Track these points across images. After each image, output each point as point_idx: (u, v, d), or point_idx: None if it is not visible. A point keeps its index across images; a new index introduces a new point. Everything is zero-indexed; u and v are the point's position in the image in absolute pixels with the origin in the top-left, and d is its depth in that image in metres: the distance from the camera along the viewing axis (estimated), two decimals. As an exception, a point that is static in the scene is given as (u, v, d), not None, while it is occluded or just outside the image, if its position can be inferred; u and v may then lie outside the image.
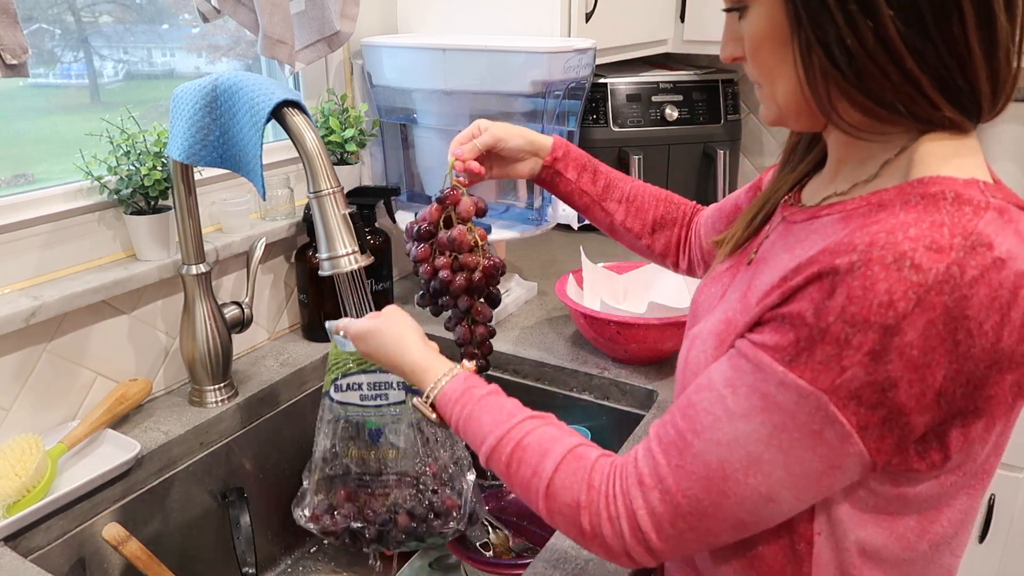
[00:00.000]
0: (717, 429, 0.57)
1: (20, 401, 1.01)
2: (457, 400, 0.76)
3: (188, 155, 0.96)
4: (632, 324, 1.16)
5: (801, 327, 0.53)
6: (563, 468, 0.66)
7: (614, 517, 0.62)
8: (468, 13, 1.44)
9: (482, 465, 0.73)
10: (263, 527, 1.23)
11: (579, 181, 0.99)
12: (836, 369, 0.51)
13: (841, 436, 0.53)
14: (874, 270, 0.50)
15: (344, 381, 0.99)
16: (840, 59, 0.54)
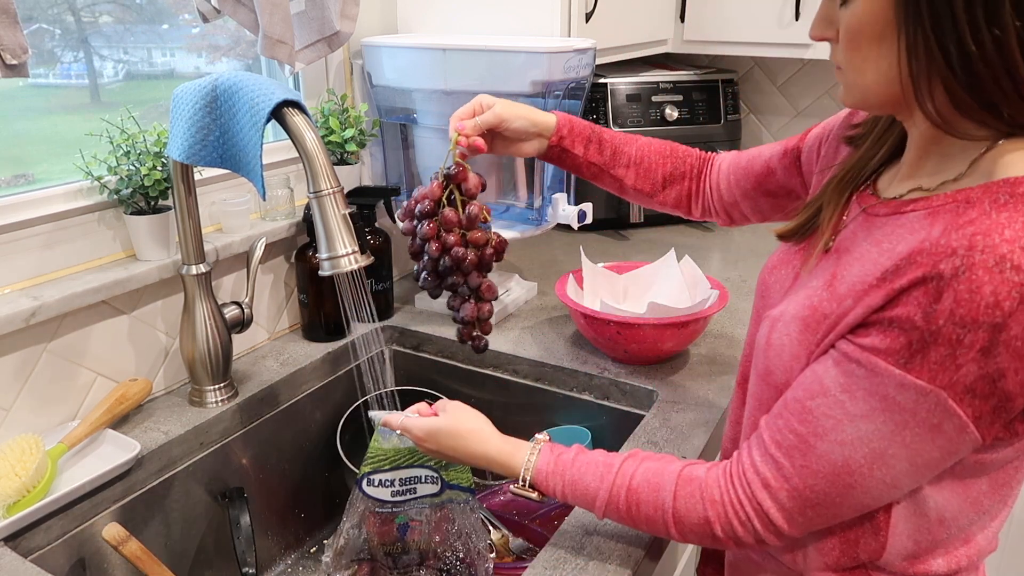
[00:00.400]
0: (840, 431, 0.62)
1: (20, 401, 1.01)
2: (553, 472, 0.80)
3: (188, 155, 0.96)
4: (632, 324, 1.16)
5: (912, 331, 0.57)
6: (680, 495, 0.72)
7: (745, 520, 0.68)
8: (468, 13, 1.44)
9: (599, 519, 0.79)
10: (263, 527, 1.23)
11: (586, 154, 1.01)
12: (952, 368, 0.55)
13: (959, 427, 0.58)
14: (978, 274, 0.53)
15: (376, 477, 0.99)
16: (956, 61, 0.56)
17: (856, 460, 0.61)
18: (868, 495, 0.63)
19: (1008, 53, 0.55)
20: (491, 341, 1.32)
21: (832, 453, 0.62)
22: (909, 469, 0.61)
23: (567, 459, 0.80)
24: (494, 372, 1.32)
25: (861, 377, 0.60)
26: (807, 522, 0.66)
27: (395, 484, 0.98)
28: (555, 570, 0.82)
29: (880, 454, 0.60)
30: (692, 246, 1.81)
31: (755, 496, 0.67)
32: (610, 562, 0.82)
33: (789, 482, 0.65)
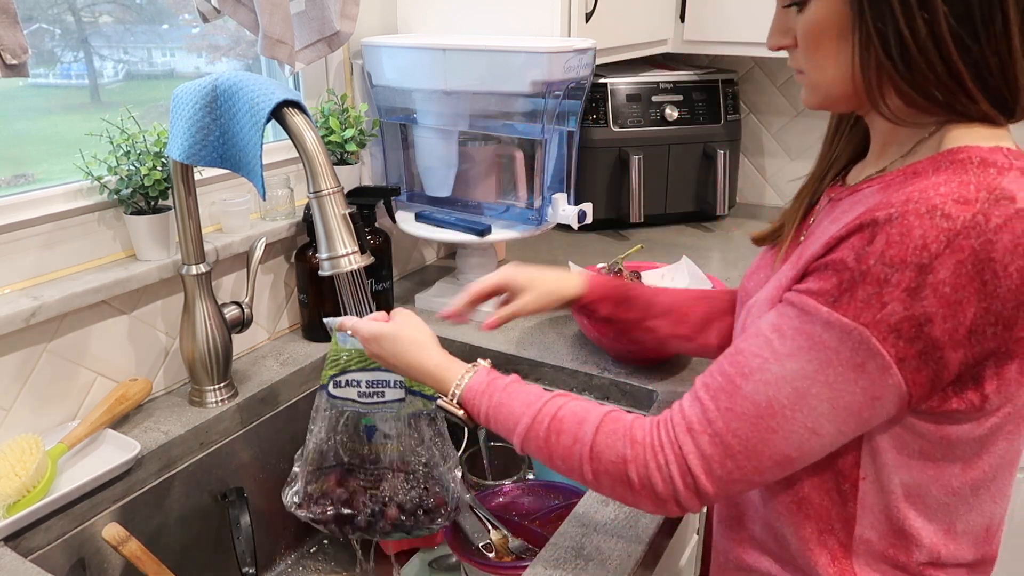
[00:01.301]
0: (766, 370, 0.62)
1: (20, 401, 1.01)
2: (483, 391, 0.78)
3: (188, 155, 0.96)
4: (632, 324, 1.16)
5: (843, 271, 0.58)
6: (603, 429, 0.69)
7: (663, 464, 0.66)
8: (468, 13, 1.44)
9: (518, 450, 0.76)
10: (263, 527, 1.23)
11: (616, 312, 1.00)
12: (877, 306, 0.57)
13: (881, 368, 0.58)
14: (910, 219, 0.56)
15: (343, 378, 0.99)
16: (894, 50, 0.60)
17: (779, 400, 0.61)
18: (789, 442, 0.62)
19: (940, 37, 0.58)
20: (492, 341, 1.32)
21: (757, 393, 0.62)
22: (830, 412, 0.60)
23: (500, 383, 0.79)
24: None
25: (792, 317, 0.61)
26: (726, 475, 0.64)
27: (362, 385, 0.98)
28: (555, 570, 0.82)
29: (803, 394, 0.60)
30: (692, 246, 1.81)
31: (677, 439, 0.65)
32: (610, 562, 0.82)
33: (712, 425, 0.64)
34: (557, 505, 1.13)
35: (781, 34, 0.69)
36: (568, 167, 1.41)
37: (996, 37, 0.58)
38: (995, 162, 0.58)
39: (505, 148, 1.44)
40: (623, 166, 1.83)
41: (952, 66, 0.59)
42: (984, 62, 0.59)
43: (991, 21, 0.58)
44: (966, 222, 0.55)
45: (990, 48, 0.59)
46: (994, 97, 0.61)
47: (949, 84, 0.60)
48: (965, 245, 0.55)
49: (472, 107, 1.35)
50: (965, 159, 0.59)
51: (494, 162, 1.46)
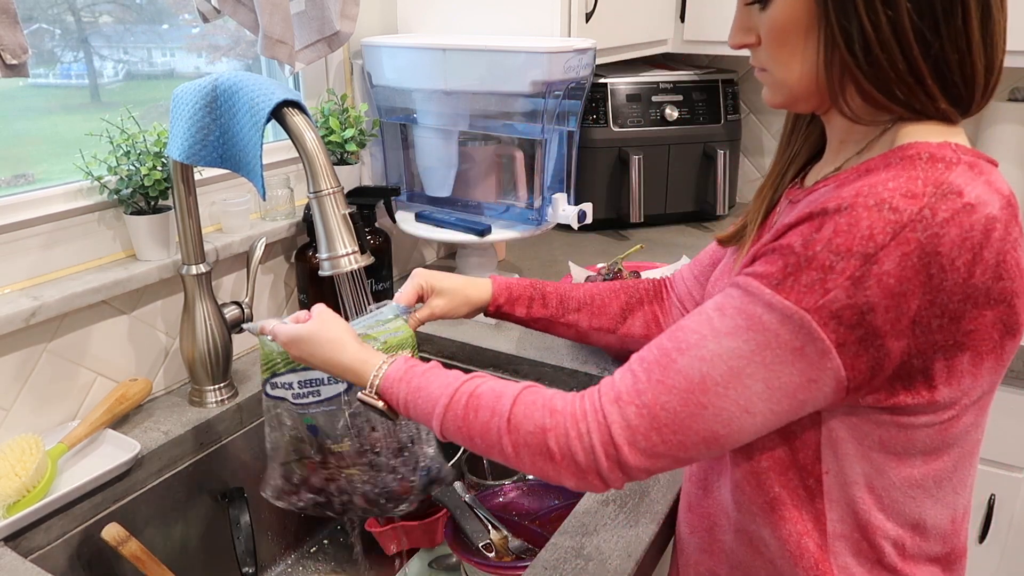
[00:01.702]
0: (702, 346, 0.61)
1: (20, 401, 1.01)
2: (401, 378, 0.76)
3: (188, 155, 0.96)
4: (632, 324, 1.16)
5: (789, 255, 0.58)
6: (521, 400, 0.68)
7: (584, 433, 0.64)
8: (468, 13, 1.44)
9: (437, 434, 0.73)
10: (263, 527, 1.23)
11: (530, 312, 1.01)
12: (820, 291, 0.57)
13: (820, 352, 0.58)
14: (858, 211, 0.56)
15: (276, 380, 0.98)
16: (857, 47, 0.60)
17: (713, 377, 0.60)
18: (718, 419, 0.61)
19: (902, 33, 0.59)
20: (492, 340, 1.32)
21: (690, 368, 0.61)
22: (764, 392, 0.59)
23: (418, 369, 0.77)
24: (494, 372, 1.31)
25: (735, 297, 0.61)
26: (650, 448, 0.62)
27: (294, 386, 0.97)
28: (555, 570, 0.82)
29: (737, 372, 0.59)
30: (692, 246, 1.81)
31: (603, 408, 0.64)
32: (610, 562, 0.82)
33: (641, 396, 0.62)
34: (557, 505, 1.13)
35: (743, 32, 0.69)
36: (568, 167, 1.41)
37: (956, 31, 0.59)
38: (943, 157, 0.59)
39: (505, 148, 1.44)
40: (623, 166, 1.83)
41: (913, 63, 0.60)
42: (944, 58, 0.60)
43: (951, 14, 0.59)
44: (913, 215, 0.55)
45: (950, 42, 0.59)
46: (951, 94, 0.61)
47: (909, 82, 0.60)
48: (911, 238, 0.55)
49: (472, 107, 1.35)
50: (914, 155, 0.60)
51: (494, 162, 1.46)
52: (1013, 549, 1.56)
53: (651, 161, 1.83)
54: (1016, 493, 1.52)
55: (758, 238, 0.78)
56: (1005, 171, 0.61)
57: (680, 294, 1.01)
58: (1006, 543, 1.56)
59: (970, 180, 0.58)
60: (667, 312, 1.03)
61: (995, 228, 0.57)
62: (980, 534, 1.57)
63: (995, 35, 0.61)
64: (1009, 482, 1.50)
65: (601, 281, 1.04)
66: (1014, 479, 1.50)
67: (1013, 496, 1.52)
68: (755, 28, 0.67)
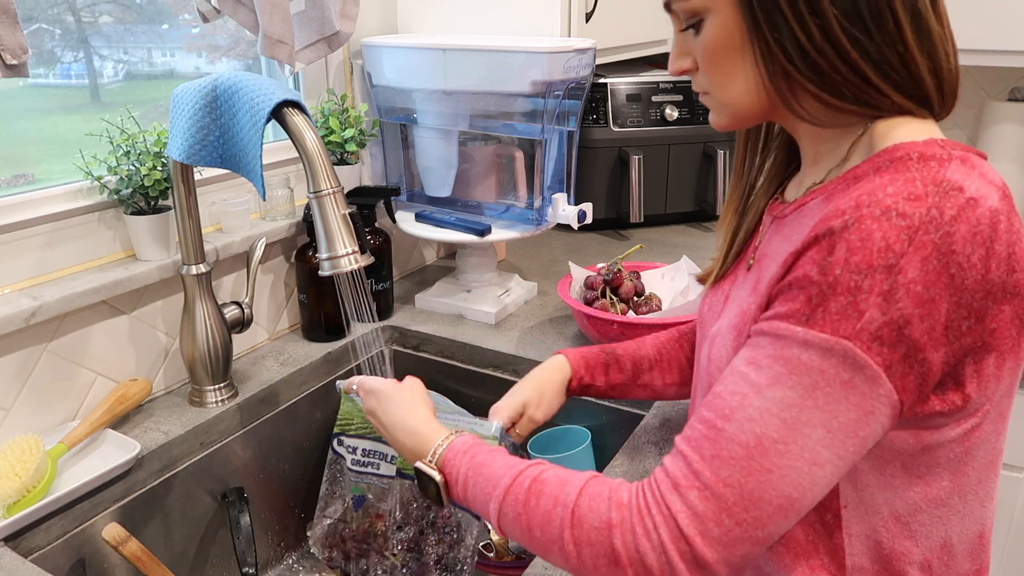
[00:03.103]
0: (747, 406, 0.57)
1: (20, 401, 1.01)
2: (466, 452, 0.73)
3: (188, 155, 0.96)
4: (635, 324, 1.16)
5: (809, 287, 0.56)
6: (587, 491, 0.62)
7: (650, 529, 0.58)
8: (468, 13, 1.44)
9: (494, 523, 0.68)
10: (263, 527, 1.23)
11: (608, 379, 0.98)
12: (854, 316, 0.54)
13: (871, 379, 0.55)
14: (867, 223, 0.55)
15: (344, 438, 1.00)
16: (795, 56, 0.60)
17: (769, 436, 0.55)
18: (787, 480, 0.56)
19: (835, 39, 0.59)
20: (492, 340, 1.32)
21: (742, 432, 0.56)
22: (825, 437, 0.55)
23: (484, 447, 0.73)
24: (494, 372, 1.31)
25: (764, 346, 0.58)
26: (725, 535, 0.56)
27: (357, 452, 0.98)
28: (555, 570, 0.82)
29: (793, 423, 0.55)
30: (692, 246, 1.81)
31: (664, 499, 0.58)
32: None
33: (700, 478, 0.57)
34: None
35: (682, 58, 0.69)
36: (568, 167, 1.41)
37: (890, 34, 0.59)
38: (934, 155, 0.58)
39: (505, 148, 1.44)
40: (623, 166, 1.83)
41: (852, 64, 0.59)
42: (884, 58, 0.60)
43: (881, 20, 0.59)
44: (923, 217, 0.54)
45: (887, 45, 0.59)
46: (904, 90, 0.61)
47: (855, 80, 0.60)
48: (926, 241, 0.54)
49: (472, 107, 1.35)
50: (904, 156, 0.59)
51: (494, 162, 1.46)
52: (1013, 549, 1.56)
53: (651, 161, 1.83)
54: (1016, 493, 1.52)
55: (743, 262, 0.76)
56: (1005, 171, 0.60)
57: None
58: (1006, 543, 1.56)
59: (966, 175, 0.57)
60: None
61: (1000, 220, 0.56)
62: (980, 534, 1.57)
63: (934, 41, 0.61)
64: (1009, 482, 1.50)
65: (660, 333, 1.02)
66: (1014, 479, 1.50)
67: (1013, 496, 1.52)
68: (692, 54, 0.67)
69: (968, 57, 1.68)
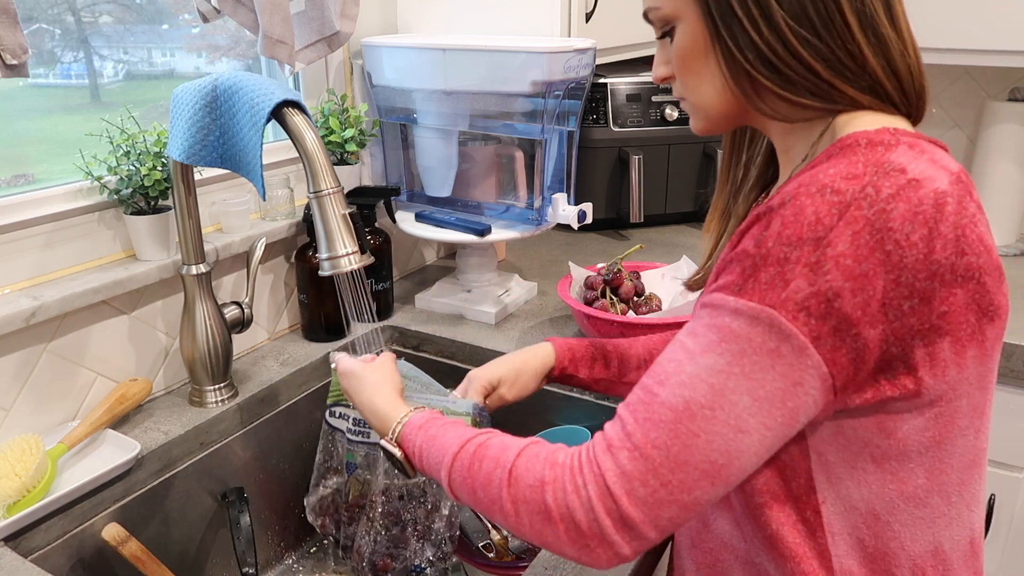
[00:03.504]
0: (680, 372, 0.59)
1: (20, 401, 1.01)
2: (421, 427, 0.77)
3: (188, 155, 0.96)
4: (635, 324, 1.16)
5: (745, 259, 0.58)
6: (525, 452, 0.66)
7: (580, 486, 0.60)
8: (468, 13, 1.44)
9: (444, 483, 0.71)
10: (263, 527, 1.23)
11: (592, 374, 0.99)
12: (780, 285, 0.56)
13: (797, 349, 0.56)
14: (802, 200, 0.57)
15: (337, 409, 1.01)
16: (752, 57, 0.63)
17: (697, 400, 0.57)
18: (713, 446, 0.57)
19: (786, 40, 0.61)
20: (492, 340, 1.32)
21: (673, 397, 0.58)
22: (752, 404, 0.57)
23: (440, 421, 0.77)
24: (494, 372, 1.31)
25: (702, 316, 0.60)
26: (651, 495, 0.58)
27: (349, 420, 1.00)
28: (555, 570, 0.82)
29: (720, 389, 0.57)
30: (692, 246, 1.81)
31: (596, 459, 0.60)
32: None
33: (631, 439, 0.59)
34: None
35: (662, 66, 0.71)
36: (568, 167, 1.41)
37: (840, 36, 0.61)
38: (881, 141, 0.60)
39: (505, 148, 1.44)
40: (623, 166, 1.83)
41: (805, 63, 0.61)
42: (834, 56, 0.62)
43: (831, 22, 0.61)
44: (856, 193, 0.56)
45: (837, 46, 0.61)
46: (859, 86, 0.63)
47: (809, 78, 0.62)
48: (858, 216, 0.55)
49: (472, 107, 1.35)
50: (853, 143, 0.60)
51: (494, 162, 1.46)
52: (1013, 549, 1.56)
53: (651, 161, 1.83)
54: (1016, 493, 1.52)
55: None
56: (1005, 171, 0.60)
57: None
58: (1006, 543, 1.56)
59: (912, 158, 0.58)
60: None
61: (946, 202, 0.56)
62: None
63: (887, 43, 0.62)
64: (1009, 482, 1.50)
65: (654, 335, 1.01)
66: (1014, 479, 1.50)
67: (1013, 496, 1.52)
68: (670, 61, 0.70)
69: (968, 57, 1.69)
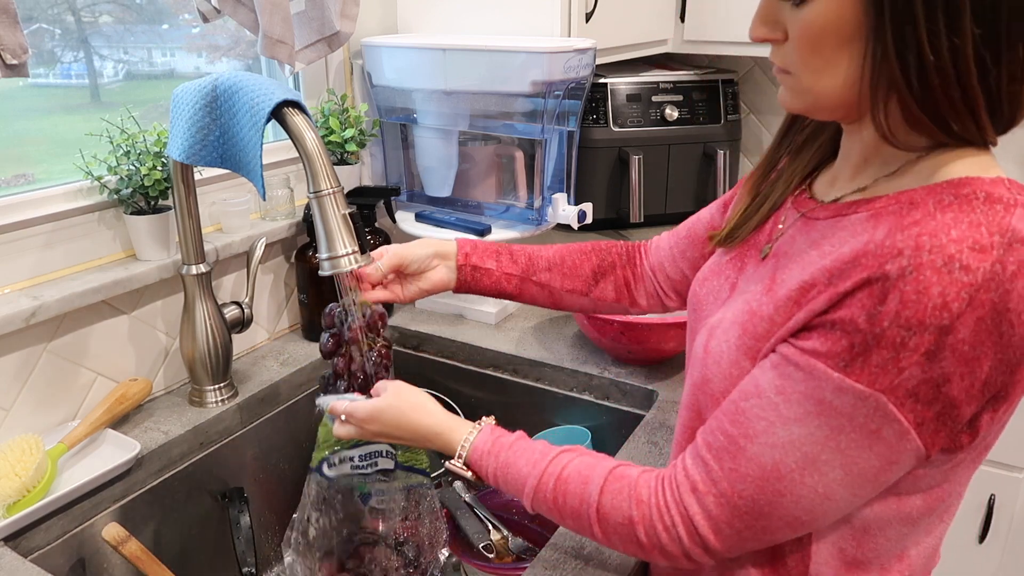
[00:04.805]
0: (771, 433, 0.59)
1: (20, 401, 1.01)
2: (489, 451, 0.77)
3: (188, 155, 0.96)
4: (635, 324, 1.16)
5: (854, 333, 0.54)
6: (607, 489, 0.68)
7: (669, 526, 0.64)
8: (468, 13, 1.44)
9: (529, 511, 0.74)
10: (263, 527, 1.23)
11: (500, 266, 0.98)
12: (893, 371, 0.53)
13: (899, 433, 0.55)
14: (926, 274, 0.52)
15: (336, 457, 0.95)
16: (912, 72, 0.55)
17: (787, 464, 0.58)
18: (799, 505, 0.59)
19: (963, 63, 0.54)
20: (492, 340, 1.32)
21: (762, 456, 0.59)
22: (843, 478, 0.57)
23: (505, 442, 0.77)
24: (494, 372, 1.32)
25: (798, 380, 0.58)
26: (735, 535, 0.62)
27: (355, 460, 0.96)
28: (555, 570, 0.82)
29: (812, 460, 0.57)
30: (692, 246, 1.81)
31: (682, 500, 0.63)
32: (610, 562, 0.82)
33: (717, 486, 0.61)
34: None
35: (768, 26, 0.61)
36: (568, 167, 1.41)
37: (1015, 59, 0.55)
38: (1000, 197, 0.55)
39: (505, 148, 1.44)
40: (623, 166, 1.83)
41: (969, 91, 0.55)
42: (997, 85, 0.55)
43: (1017, 42, 0.54)
44: (986, 274, 0.51)
45: (1007, 71, 0.55)
46: (998, 123, 0.57)
47: (961, 110, 0.56)
48: (985, 300, 0.51)
49: (472, 107, 1.35)
50: (970, 194, 0.55)
51: (494, 162, 1.46)
52: (1013, 549, 1.56)
53: (651, 161, 1.83)
54: (1016, 493, 1.52)
55: (753, 239, 0.75)
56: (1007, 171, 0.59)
57: (653, 263, 0.99)
58: (1006, 543, 1.56)
59: None
60: (639, 278, 1.00)
61: None
62: (980, 534, 1.57)
63: None
64: (1009, 482, 1.50)
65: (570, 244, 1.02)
66: (1014, 479, 1.50)
67: (1013, 496, 1.52)
68: (782, 23, 0.60)
69: None
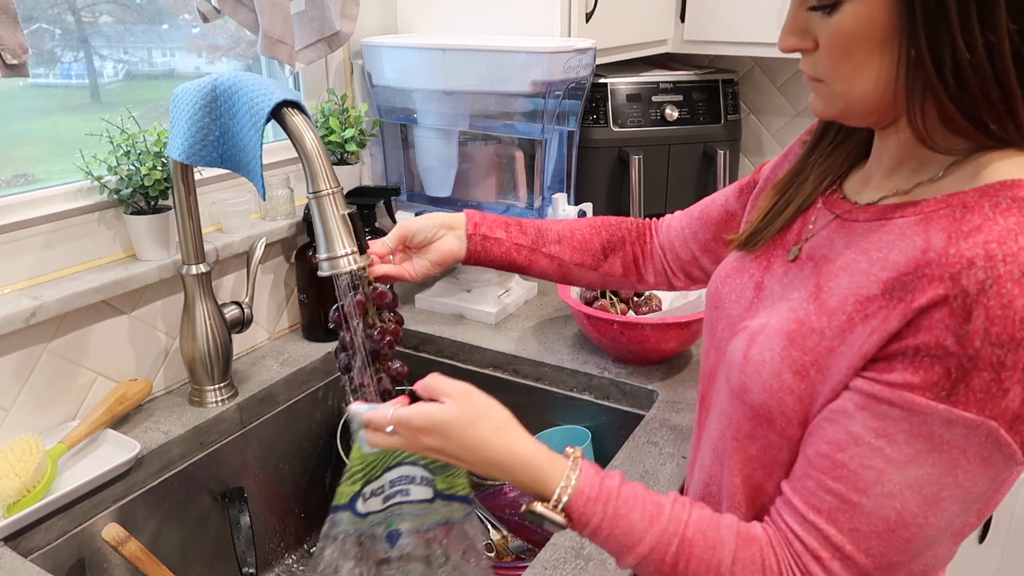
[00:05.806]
0: (885, 482, 0.56)
1: (20, 401, 1.01)
2: (596, 498, 0.64)
3: (188, 155, 0.96)
4: (635, 324, 1.16)
5: (947, 358, 0.52)
6: (740, 558, 0.62)
7: None
8: (468, 13, 1.44)
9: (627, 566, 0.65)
10: (263, 527, 1.23)
11: (510, 236, 0.97)
12: (999, 394, 0.52)
13: (1008, 456, 0.54)
14: (1007, 287, 0.50)
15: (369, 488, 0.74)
16: (948, 72, 0.54)
17: (910, 511, 0.56)
18: (924, 544, 0.58)
19: (999, 60, 0.53)
20: (492, 340, 1.32)
21: (882, 508, 0.56)
22: (961, 509, 0.56)
23: (612, 486, 0.65)
24: (494, 372, 1.32)
25: (898, 419, 0.55)
26: None
27: (385, 489, 0.76)
28: (555, 570, 0.82)
29: (934, 499, 0.55)
30: (692, 246, 1.81)
31: (808, 570, 0.59)
32: (610, 562, 0.82)
33: (841, 551, 0.58)
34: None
35: (798, 36, 0.61)
36: (568, 167, 1.41)
37: None
38: None
39: (505, 148, 1.44)
40: (623, 166, 1.83)
41: (1008, 89, 0.54)
42: None
43: None
44: None
45: None
46: None
47: (1000, 110, 0.55)
48: None
49: (472, 107, 1.35)
50: None
51: (494, 162, 1.46)
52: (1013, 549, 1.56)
53: (651, 161, 1.83)
54: (1016, 493, 1.52)
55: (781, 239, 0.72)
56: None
57: (663, 242, 0.99)
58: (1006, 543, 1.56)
59: None
60: (647, 256, 1.00)
61: None
62: (980, 534, 1.57)
63: None
64: (1009, 482, 1.50)
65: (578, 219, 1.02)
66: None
67: (1013, 496, 1.52)
68: (813, 32, 0.60)
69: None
